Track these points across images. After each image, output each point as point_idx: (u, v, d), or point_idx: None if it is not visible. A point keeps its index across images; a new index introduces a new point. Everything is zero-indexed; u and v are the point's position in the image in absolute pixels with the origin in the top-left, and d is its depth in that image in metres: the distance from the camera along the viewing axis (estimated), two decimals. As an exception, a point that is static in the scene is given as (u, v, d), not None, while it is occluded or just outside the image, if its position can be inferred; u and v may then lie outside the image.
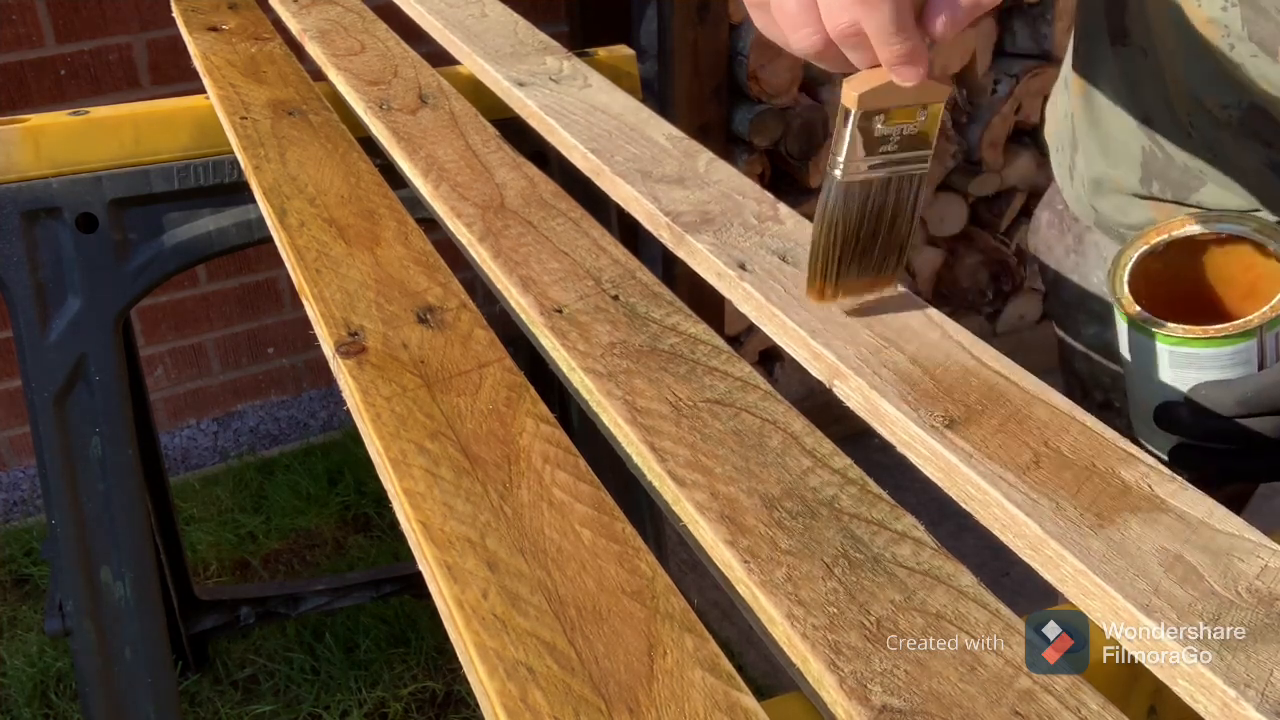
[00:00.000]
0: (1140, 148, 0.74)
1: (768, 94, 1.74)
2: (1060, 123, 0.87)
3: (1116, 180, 0.77)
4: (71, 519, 0.97)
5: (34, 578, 1.73)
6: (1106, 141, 0.77)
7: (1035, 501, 0.39)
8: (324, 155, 0.74)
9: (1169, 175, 0.73)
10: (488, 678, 0.35)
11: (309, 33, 0.94)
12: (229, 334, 1.93)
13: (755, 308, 0.52)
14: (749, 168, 1.79)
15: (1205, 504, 0.39)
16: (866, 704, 0.34)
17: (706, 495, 0.42)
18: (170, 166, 0.91)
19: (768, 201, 0.60)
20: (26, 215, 0.89)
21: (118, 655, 1.02)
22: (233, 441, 2.00)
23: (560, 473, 0.44)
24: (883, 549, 0.39)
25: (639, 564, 0.39)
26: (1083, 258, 0.86)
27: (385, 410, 0.48)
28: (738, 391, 0.48)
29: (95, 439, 0.95)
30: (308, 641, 1.59)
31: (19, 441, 1.84)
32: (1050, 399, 0.44)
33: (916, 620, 0.36)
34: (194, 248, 0.94)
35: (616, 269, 0.57)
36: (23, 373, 0.93)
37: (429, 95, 0.80)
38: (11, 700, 1.52)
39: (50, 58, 1.62)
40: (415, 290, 0.57)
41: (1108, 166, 0.78)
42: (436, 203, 0.65)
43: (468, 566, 0.39)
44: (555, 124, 0.70)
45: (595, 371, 0.49)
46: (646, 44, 1.69)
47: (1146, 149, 0.74)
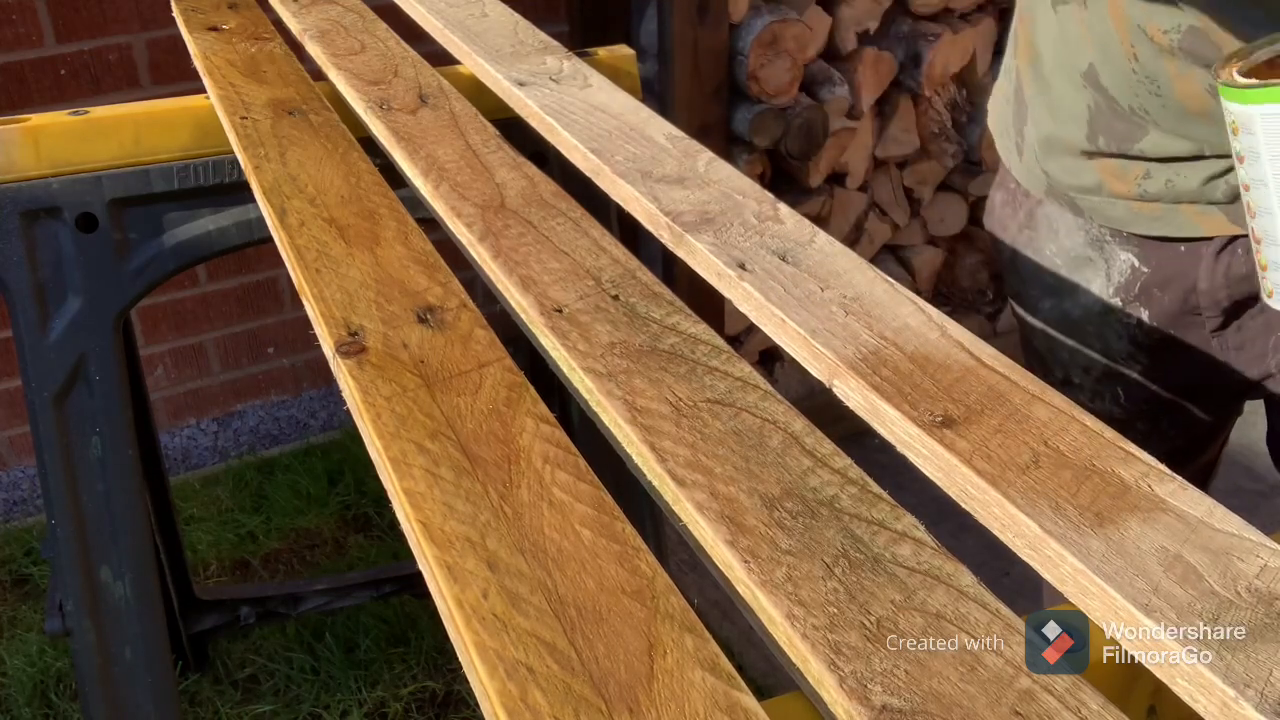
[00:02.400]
0: (1086, 106, 0.78)
1: (768, 94, 1.74)
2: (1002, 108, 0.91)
3: (1065, 140, 0.81)
4: (71, 519, 0.97)
5: (34, 578, 1.73)
6: (1054, 104, 0.81)
7: (1035, 501, 0.39)
8: (324, 155, 0.74)
9: (1114, 128, 0.77)
10: (488, 678, 0.35)
11: (309, 32, 0.94)
12: (229, 334, 1.93)
13: (755, 308, 0.52)
14: (749, 168, 1.79)
15: (1205, 503, 0.39)
16: (867, 704, 0.34)
17: (706, 495, 0.42)
18: (170, 166, 0.91)
19: (768, 201, 0.60)
20: (26, 215, 0.89)
21: (118, 655, 1.02)
22: (233, 441, 2.00)
23: (560, 473, 0.44)
24: (883, 549, 0.39)
25: (639, 564, 0.39)
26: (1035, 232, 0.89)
27: (385, 410, 0.48)
28: (738, 391, 0.48)
29: (95, 439, 0.95)
30: (308, 641, 1.59)
31: (19, 441, 1.84)
32: (1050, 399, 0.44)
33: (916, 620, 0.36)
34: (194, 248, 0.94)
35: (616, 269, 0.57)
36: (23, 373, 0.93)
37: (429, 95, 0.80)
38: (11, 700, 1.52)
39: (50, 58, 1.62)
40: (415, 290, 0.57)
41: (1055, 126, 0.81)
42: (436, 203, 0.65)
43: (468, 566, 0.39)
44: (555, 124, 0.70)
45: (595, 371, 0.49)
46: (646, 44, 1.69)
47: (1091, 106, 0.78)
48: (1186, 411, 0.90)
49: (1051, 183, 0.84)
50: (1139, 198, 0.79)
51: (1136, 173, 0.78)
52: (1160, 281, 0.82)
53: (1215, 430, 0.94)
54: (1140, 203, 0.79)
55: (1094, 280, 0.86)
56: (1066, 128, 0.80)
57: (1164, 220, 0.79)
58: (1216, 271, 0.80)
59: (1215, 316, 0.82)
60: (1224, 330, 0.83)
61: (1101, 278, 0.85)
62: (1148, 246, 0.82)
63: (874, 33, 1.86)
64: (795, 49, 1.74)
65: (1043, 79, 0.82)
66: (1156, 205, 0.79)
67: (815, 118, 1.77)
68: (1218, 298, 0.81)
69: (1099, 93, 0.77)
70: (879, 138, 1.94)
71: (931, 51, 1.86)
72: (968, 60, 1.93)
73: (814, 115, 1.77)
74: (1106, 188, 0.80)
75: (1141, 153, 0.76)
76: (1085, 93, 0.78)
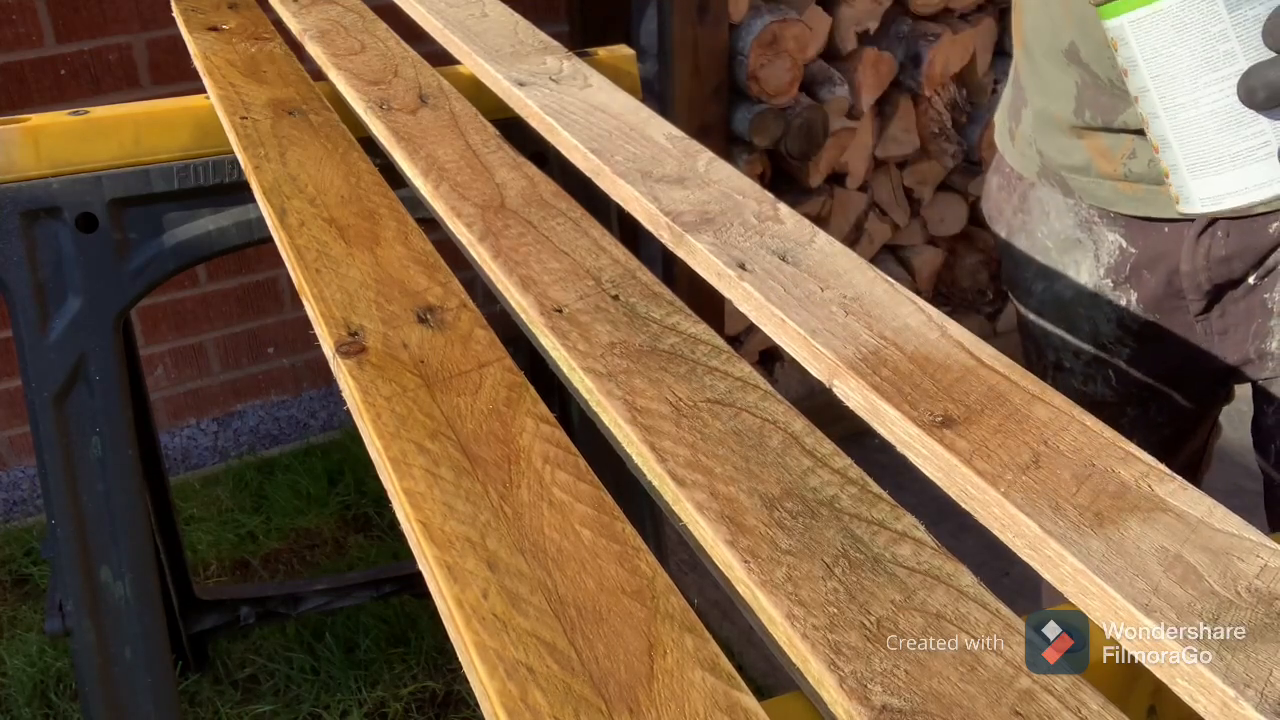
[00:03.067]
0: (1074, 83, 0.81)
1: (768, 94, 1.74)
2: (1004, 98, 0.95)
3: (1055, 116, 0.84)
4: (71, 519, 0.97)
5: (34, 578, 1.73)
6: (1044, 83, 0.84)
7: (1035, 501, 0.39)
8: (324, 155, 0.74)
9: (1099, 101, 0.80)
10: (488, 678, 0.35)
11: (309, 32, 0.94)
12: (229, 334, 1.93)
13: (755, 308, 0.52)
14: (749, 168, 1.79)
15: (1205, 503, 0.39)
16: (867, 704, 0.34)
17: (706, 495, 0.42)
18: (170, 166, 0.91)
19: (768, 201, 0.60)
20: (26, 215, 0.89)
21: (118, 655, 1.02)
22: (233, 441, 2.00)
23: (560, 473, 0.44)
24: (883, 549, 0.39)
25: (639, 564, 0.39)
26: (1028, 215, 0.92)
27: (385, 410, 0.48)
28: (738, 391, 0.48)
29: (95, 439, 0.95)
30: (308, 641, 1.59)
31: (19, 441, 1.84)
32: (1050, 399, 0.44)
33: (916, 620, 0.36)
34: (194, 248, 0.94)
35: (616, 269, 0.57)
36: (23, 373, 0.93)
37: (429, 95, 0.80)
38: (11, 700, 1.52)
39: (50, 58, 1.62)
40: (415, 290, 0.57)
41: (1047, 102, 0.85)
42: (436, 202, 0.65)
43: (468, 566, 0.39)
44: (555, 124, 0.70)
45: (595, 371, 0.49)
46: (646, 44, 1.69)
47: (1079, 82, 0.81)
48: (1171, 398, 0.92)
49: (1044, 162, 0.87)
50: (1124, 178, 0.82)
51: (1123, 151, 0.81)
52: (1147, 262, 0.85)
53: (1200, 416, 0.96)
54: (1125, 183, 0.82)
55: (1083, 262, 0.88)
56: (1057, 103, 0.83)
57: (1147, 201, 0.82)
58: (1197, 253, 0.82)
59: (1198, 300, 0.84)
60: (1207, 315, 0.85)
61: (1091, 259, 0.88)
62: (1134, 227, 0.84)
63: (874, 33, 1.86)
64: (795, 49, 1.74)
65: (1034, 61, 0.85)
66: (1140, 186, 0.81)
67: (815, 118, 1.77)
68: (1198, 280, 0.83)
69: (1082, 69, 0.79)
70: (879, 138, 1.94)
71: (931, 51, 1.86)
72: (968, 60, 1.93)
73: (814, 115, 1.77)
74: (1094, 168, 0.83)
75: (1125, 125, 0.79)
76: (1071, 70, 0.80)
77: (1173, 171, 0.59)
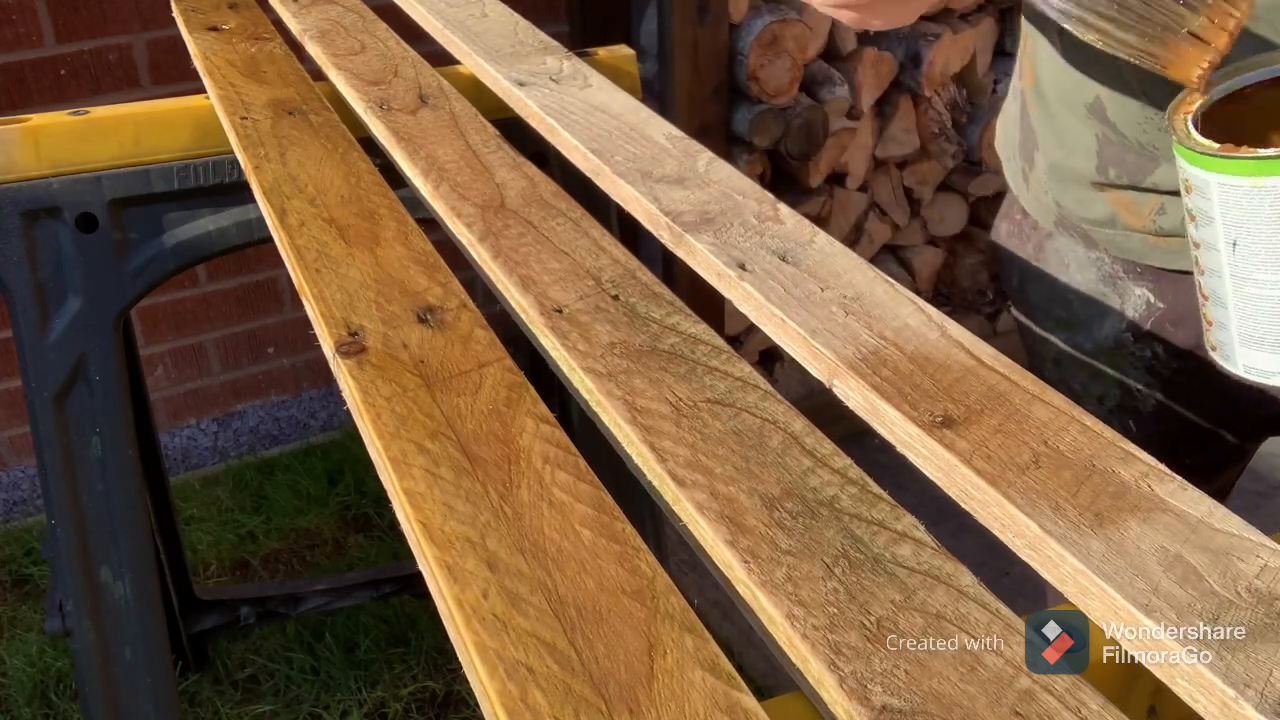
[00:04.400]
0: (1094, 135, 0.74)
1: (768, 94, 1.74)
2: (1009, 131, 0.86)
3: (1074, 170, 0.77)
4: (71, 519, 0.97)
5: (34, 578, 1.73)
6: (1061, 134, 0.77)
7: (1035, 501, 0.39)
8: (324, 155, 0.74)
9: (1124, 160, 0.73)
10: (488, 678, 0.35)
11: (309, 32, 0.94)
12: (229, 334, 1.93)
13: (755, 308, 0.52)
14: (749, 168, 1.79)
15: (1205, 504, 0.39)
16: (867, 704, 0.34)
17: (706, 495, 0.42)
18: (170, 166, 0.91)
19: (768, 201, 0.60)
20: (26, 215, 0.89)
21: (118, 655, 1.02)
22: (233, 441, 2.00)
23: (560, 473, 0.44)
24: (883, 549, 0.39)
25: (639, 564, 0.39)
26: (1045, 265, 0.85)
27: (385, 410, 0.48)
28: (738, 391, 0.48)
29: (95, 439, 0.95)
30: (308, 641, 1.59)
31: (19, 441, 1.84)
32: (1050, 399, 0.44)
33: (916, 620, 0.36)
34: (194, 248, 0.94)
35: (616, 269, 0.57)
36: (23, 373, 0.93)
37: (429, 95, 0.80)
38: (11, 700, 1.52)
39: (50, 58, 1.62)
40: (415, 290, 0.57)
41: (1063, 156, 0.77)
42: (436, 203, 0.65)
43: (468, 566, 0.39)
44: (555, 124, 0.70)
45: (595, 371, 0.49)
46: (646, 44, 1.69)
47: (1100, 136, 0.74)
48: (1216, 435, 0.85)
49: (1062, 213, 0.80)
50: (1155, 233, 0.76)
51: (1151, 206, 0.75)
52: (1175, 318, 0.79)
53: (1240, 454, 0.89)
54: (1157, 237, 0.76)
55: (1108, 315, 0.82)
56: (1074, 158, 0.76)
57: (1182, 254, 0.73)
58: None
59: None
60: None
61: (1115, 313, 0.81)
62: (1164, 281, 0.78)
63: (874, 33, 1.86)
64: (795, 49, 1.74)
65: (1047, 107, 0.78)
66: (1174, 239, 0.75)
67: (815, 118, 1.77)
68: None
69: (1107, 126, 0.73)
70: (879, 138, 1.94)
71: (931, 51, 1.86)
72: (968, 60, 1.93)
73: (814, 115, 1.77)
74: (1120, 220, 0.77)
75: (1155, 185, 0.73)
76: (1091, 123, 0.74)
77: (1219, 328, 0.56)
